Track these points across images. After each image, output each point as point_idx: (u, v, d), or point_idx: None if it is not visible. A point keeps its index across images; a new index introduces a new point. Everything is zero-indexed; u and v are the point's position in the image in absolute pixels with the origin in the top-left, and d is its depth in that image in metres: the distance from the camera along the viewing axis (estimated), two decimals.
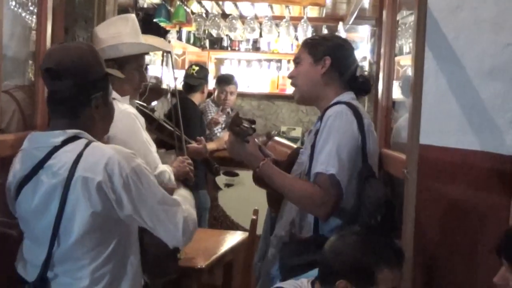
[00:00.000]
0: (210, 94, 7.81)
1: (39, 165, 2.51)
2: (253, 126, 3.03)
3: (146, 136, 3.41)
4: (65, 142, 2.52)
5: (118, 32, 3.45)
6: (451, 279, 3.05)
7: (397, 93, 3.72)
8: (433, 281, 3.03)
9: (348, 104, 3.04)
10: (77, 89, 2.55)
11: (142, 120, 3.41)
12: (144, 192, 2.55)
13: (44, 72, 2.53)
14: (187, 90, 7.01)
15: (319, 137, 2.99)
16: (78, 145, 2.52)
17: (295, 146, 3.43)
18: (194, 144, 4.07)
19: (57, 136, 2.53)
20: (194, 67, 7.36)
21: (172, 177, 3.50)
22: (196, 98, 6.95)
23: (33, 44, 3.50)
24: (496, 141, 3.01)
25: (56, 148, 2.51)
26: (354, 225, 2.83)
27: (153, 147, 3.45)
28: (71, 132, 2.54)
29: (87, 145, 2.52)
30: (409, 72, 2.80)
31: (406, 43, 3.66)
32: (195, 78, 7.05)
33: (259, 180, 3.18)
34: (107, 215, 2.50)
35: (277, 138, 3.53)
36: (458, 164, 3.03)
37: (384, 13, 3.60)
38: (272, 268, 3.16)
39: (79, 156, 2.48)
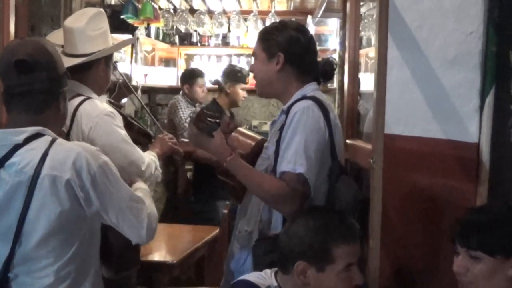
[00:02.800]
0: (178, 90, 7.86)
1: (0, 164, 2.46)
2: (217, 120, 3.01)
3: (124, 132, 3.39)
4: (28, 140, 2.48)
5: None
6: (418, 266, 3.06)
7: (365, 85, 3.72)
8: (400, 269, 3.05)
9: (314, 99, 3.02)
10: (49, 82, 2.53)
11: (120, 118, 3.40)
12: (111, 189, 2.54)
13: (14, 65, 2.46)
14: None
15: (284, 133, 2.97)
16: (42, 142, 2.49)
17: (259, 137, 3.40)
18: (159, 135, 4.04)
19: (19, 134, 2.49)
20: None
21: (157, 163, 3.51)
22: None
23: None
24: (460, 129, 3.01)
25: (18, 146, 2.47)
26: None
27: None
28: (33, 129, 2.50)
29: (52, 142, 2.49)
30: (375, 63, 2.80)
31: (373, 35, 3.67)
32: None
33: (222, 173, 3.17)
34: (74, 213, 2.48)
35: (240, 129, 3.51)
36: (424, 153, 3.04)
37: (348, 5, 3.61)
38: (236, 263, 3.14)
39: (45, 154, 2.45)
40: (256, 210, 3.11)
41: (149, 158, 3.48)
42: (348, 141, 3.42)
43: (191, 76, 7.78)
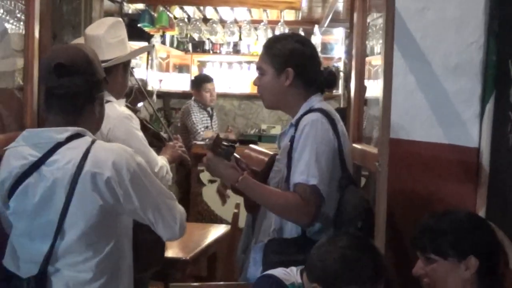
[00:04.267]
0: (191, 95, 7.91)
1: (42, 160, 2.45)
2: (233, 144, 3.01)
3: (141, 134, 3.41)
4: (69, 139, 2.48)
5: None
6: None
7: (369, 91, 3.71)
8: (405, 268, 3.03)
9: (321, 111, 2.97)
10: (86, 86, 2.52)
11: (137, 121, 3.40)
12: (148, 187, 2.54)
13: (53, 68, 2.45)
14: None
15: (295, 145, 2.92)
16: (83, 142, 2.48)
17: (271, 153, 3.35)
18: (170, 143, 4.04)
19: (61, 133, 2.48)
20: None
21: (168, 167, 3.52)
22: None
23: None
24: (462, 134, 3.02)
25: (59, 144, 2.46)
26: (346, 230, 2.81)
27: None
28: (74, 129, 2.50)
29: (92, 142, 2.49)
30: (380, 71, 2.80)
31: (377, 44, 3.67)
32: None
33: (235, 188, 3.14)
34: (113, 209, 2.47)
35: (252, 146, 3.49)
36: (427, 157, 3.04)
37: (355, 15, 3.61)
38: (256, 273, 3.07)
39: (87, 152, 2.44)
40: (269, 223, 3.08)
41: (162, 162, 3.50)
42: (354, 144, 3.40)
43: (198, 82, 7.84)
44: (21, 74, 3.54)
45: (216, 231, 5.08)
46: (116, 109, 3.26)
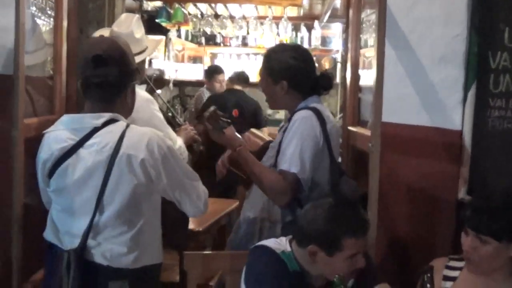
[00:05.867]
0: (203, 83, 7.93)
1: (80, 143, 2.45)
2: (229, 120, 3.03)
3: (161, 115, 3.40)
4: (105, 124, 2.48)
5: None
6: (409, 238, 3.07)
7: (363, 80, 3.71)
8: (395, 242, 3.05)
9: (314, 110, 2.98)
10: (121, 76, 2.51)
11: (157, 104, 3.41)
12: (176, 168, 2.55)
13: (91, 59, 2.45)
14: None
15: (285, 137, 2.95)
16: (118, 126, 2.48)
17: (267, 139, 3.38)
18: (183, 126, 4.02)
19: (98, 118, 2.48)
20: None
21: (184, 148, 3.53)
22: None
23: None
24: (446, 118, 3.02)
25: (96, 129, 2.46)
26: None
27: None
28: (109, 115, 2.49)
29: (127, 126, 2.49)
30: (373, 62, 2.80)
31: (370, 37, 3.66)
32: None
33: (233, 165, 3.18)
34: (145, 188, 2.48)
35: (253, 130, 3.52)
36: (415, 138, 3.04)
37: (351, 12, 3.61)
38: (246, 244, 3.04)
39: (122, 136, 2.44)
40: (259, 199, 3.10)
41: (179, 141, 3.50)
42: (350, 127, 3.41)
43: (211, 73, 7.86)
44: (51, 64, 3.56)
45: (225, 206, 5.09)
46: (138, 93, 3.26)
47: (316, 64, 3.20)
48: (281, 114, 9.55)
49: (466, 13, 2.97)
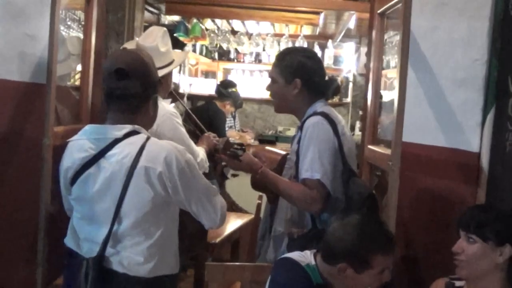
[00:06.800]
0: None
1: (101, 154, 2.49)
2: (242, 147, 3.08)
3: (184, 130, 3.46)
4: (127, 135, 2.51)
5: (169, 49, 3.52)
6: (425, 256, 3.11)
7: (384, 100, 3.77)
8: (411, 258, 3.09)
9: (323, 114, 3.02)
10: (143, 89, 2.54)
11: (180, 118, 3.46)
12: (193, 182, 2.57)
13: (114, 72, 2.48)
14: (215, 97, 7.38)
15: (301, 145, 2.99)
16: (139, 138, 2.51)
17: (283, 153, 3.43)
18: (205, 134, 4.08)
19: (119, 130, 2.51)
20: (224, 80, 7.69)
21: (206, 157, 3.59)
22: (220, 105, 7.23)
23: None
24: (464, 140, 3.07)
25: (118, 140, 2.49)
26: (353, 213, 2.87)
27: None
28: (131, 127, 2.53)
29: (147, 139, 2.52)
30: (395, 83, 2.85)
31: (392, 59, 3.71)
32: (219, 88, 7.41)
33: (256, 185, 3.23)
34: (163, 199, 2.50)
35: (267, 148, 3.57)
36: (433, 159, 3.08)
37: (373, 33, 3.66)
38: (272, 258, 3.12)
39: (142, 148, 2.47)
40: (284, 211, 3.15)
41: (201, 153, 3.57)
42: (369, 146, 3.46)
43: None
44: (76, 74, 3.64)
45: (241, 220, 5.14)
46: (164, 107, 3.31)
47: None
48: (292, 132, 9.60)
49: (487, 38, 3.03)
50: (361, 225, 2.43)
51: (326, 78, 3.21)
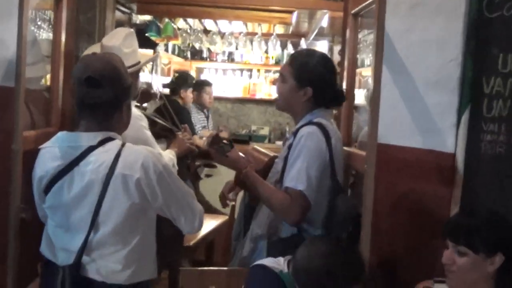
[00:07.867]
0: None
1: (76, 162, 2.46)
2: (231, 143, 3.08)
3: (149, 133, 3.42)
4: (101, 143, 2.48)
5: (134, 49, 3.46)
6: (402, 258, 3.08)
7: (359, 99, 3.76)
8: (387, 261, 3.07)
9: (318, 125, 3.03)
10: (114, 96, 2.50)
11: (146, 121, 3.43)
12: (172, 187, 2.56)
13: (84, 81, 2.44)
14: (170, 93, 7.43)
15: (291, 153, 2.98)
16: (114, 145, 2.49)
17: (271, 154, 3.41)
18: (179, 133, 4.04)
19: (94, 137, 2.49)
20: (175, 74, 7.59)
21: (175, 161, 3.55)
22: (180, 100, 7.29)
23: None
24: (439, 141, 3.05)
25: (92, 148, 2.47)
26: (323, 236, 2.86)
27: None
28: (105, 133, 2.51)
29: (122, 145, 2.50)
30: (370, 81, 2.83)
31: (367, 57, 3.70)
32: (172, 83, 7.52)
33: (240, 183, 3.20)
34: (141, 206, 2.49)
35: (256, 147, 3.55)
36: (409, 160, 3.06)
37: (347, 32, 3.65)
38: (250, 261, 3.09)
39: (118, 155, 2.45)
40: (265, 215, 3.13)
41: (168, 157, 3.52)
42: (345, 148, 3.45)
43: (200, 85, 7.85)
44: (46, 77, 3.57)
45: (214, 221, 5.11)
46: None
47: None
48: (265, 130, 9.60)
49: (461, 38, 3.01)
50: (332, 255, 2.44)
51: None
